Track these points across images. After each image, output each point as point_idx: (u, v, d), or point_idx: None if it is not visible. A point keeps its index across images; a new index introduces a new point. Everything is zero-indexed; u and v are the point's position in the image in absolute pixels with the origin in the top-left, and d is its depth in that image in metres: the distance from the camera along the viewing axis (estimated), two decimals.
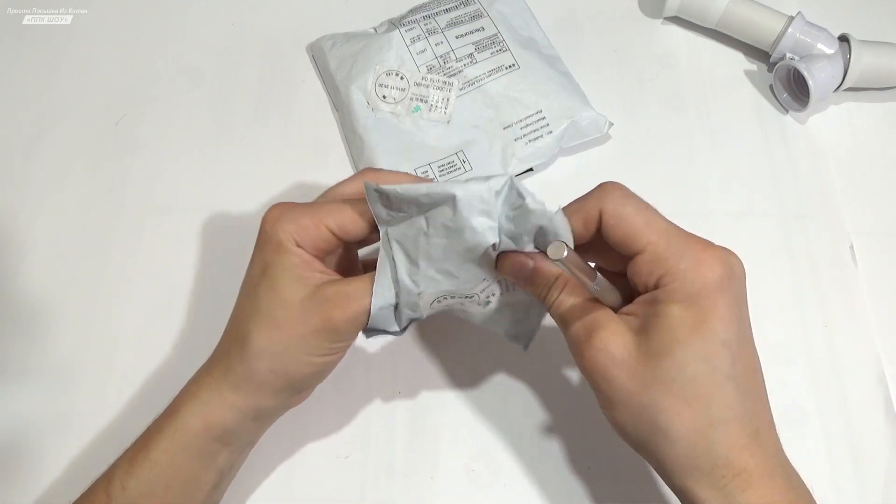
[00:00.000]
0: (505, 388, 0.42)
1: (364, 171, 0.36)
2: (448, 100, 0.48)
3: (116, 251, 0.46)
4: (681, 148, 0.50)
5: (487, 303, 0.35)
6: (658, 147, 0.50)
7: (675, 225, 0.30)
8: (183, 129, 0.50)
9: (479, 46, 0.49)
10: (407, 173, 0.34)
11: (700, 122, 0.51)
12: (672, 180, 0.49)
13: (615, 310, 0.31)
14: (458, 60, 0.49)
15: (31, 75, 0.52)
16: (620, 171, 0.49)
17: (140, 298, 0.44)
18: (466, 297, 0.33)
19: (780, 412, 0.42)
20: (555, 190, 0.48)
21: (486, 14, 0.51)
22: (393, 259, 0.32)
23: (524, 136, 0.47)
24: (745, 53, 0.54)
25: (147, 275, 0.45)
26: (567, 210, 0.31)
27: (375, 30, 0.52)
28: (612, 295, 0.31)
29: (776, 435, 0.29)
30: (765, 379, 0.29)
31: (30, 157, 0.49)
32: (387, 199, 0.31)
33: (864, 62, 0.48)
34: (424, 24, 0.50)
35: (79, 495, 0.33)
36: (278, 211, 0.33)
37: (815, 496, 0.40)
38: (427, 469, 0.40)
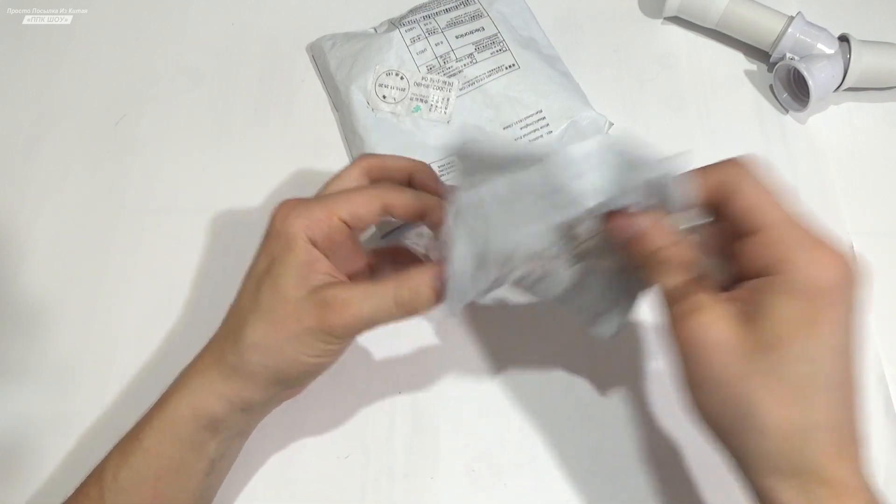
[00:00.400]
0: (505, 388, 0.42)
1: (362, 156, 0.36)
2: (448, 100, 0.48)
3: (116, 251, 0.46)
4: (681, 148, 0.50)
5: (576, 263, 0.33)
6: (658, 147, 0.50)
7: (801, 216, 0.28)
8: (183, 129, 0.50)
9: (479, 46, 0.49)
10: (407, 157, 0.35)
11: (700, 122, 0.51)
12: None
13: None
14: (458, 60, 0.49)
15: (31, 75, 0.52)
16: None
17: (140, 298, 0.44)
18: (554, 257, 0.32)
19: None
20: None
21: (486, 14, 0.51)
22: (471, 227, 0.31)
23: (524, 136, 0.47)
24: (745, 53, 0.54)
25: (147, 275, 0.45)
26: (688, 174, 0.29)
27: (375, 30, 0.52)
28: (720, 272, 0.29)
29: (864, 452, 0.28)
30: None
31: (30, 157, 0.49)
32: (471, 162, 0.31)
33: (864, 62, 0.48)
34: (424, 24, 0.50)
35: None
36: (289, 206, 0.33)
37: None
38: (427, 469, 0.40)
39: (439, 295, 0.32)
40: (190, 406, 0.32)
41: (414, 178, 0.36)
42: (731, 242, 0.29)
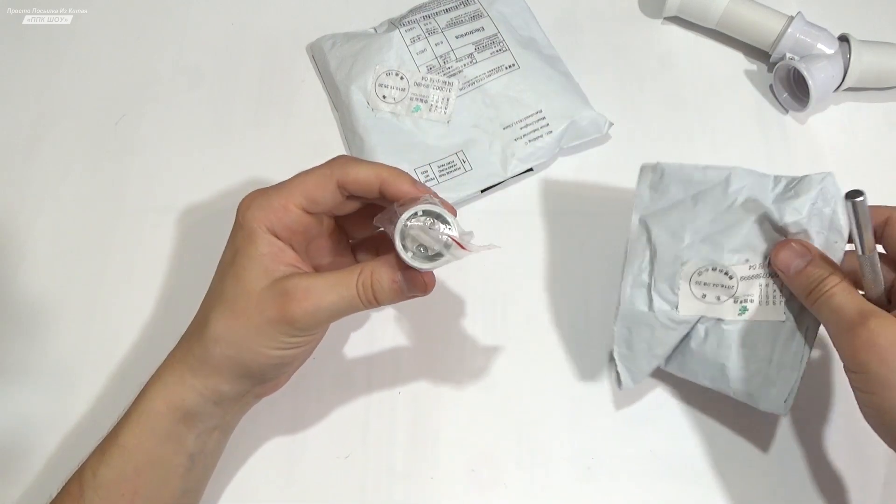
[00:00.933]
0: (505, 388, 0.42)
1: (338, 158, 0.35)
2: (448, 100, 0.48)
3: (116, 251, 0.46)
4: (681, 148, 0.50)
5: (744, 307, 0.36)
6: (658, 147, 0.50)
7: None
8: (183, 129, 0.50)
9: (479, 46, 0.49)
10: (376, 165, 0.34)
11: (700, 122, 0.51)
12: None
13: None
14: (458, 60, 0.49)
15: (31, 75, 0.52)
16: (620, 172, 0.49)
17: (140, 298, 0.44)
18: (727, 274, 0.35)
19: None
20: (555, 190, 0.48)
21: (486, 14, 0.51)
22: (650, 240, 0.36)
23: (524, 135, 0.47)
24: (745, 53, 0.54)
25: (147, 275, 0.45)
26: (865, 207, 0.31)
27: (375, 30, 0.52)
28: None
29: None
30: None
31: (30, 157, 0.49)
32: (658, 177, 0.36)
33: (864, 62, 0.48)
34: (424, 24, 0.50)
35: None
36: (250, 198, 0.33)
37: (815, 495, 0.40)
38: (427, 469, 0.40)
39: (400, 286, 0.32)
40: (164, 400, 0.32)
41: (384, 191, 0.33)
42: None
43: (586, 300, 0.44)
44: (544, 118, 0.48)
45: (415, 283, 0.32)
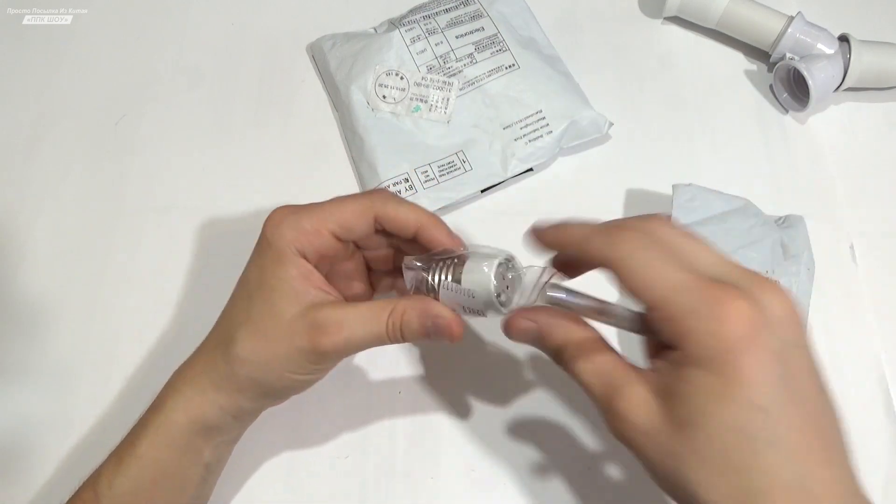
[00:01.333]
0: (505, 388, 0.42)
1: (380, 191, 0.35)
2: (448, 100, 0.48)
3: (116, 251, 0.46)
4: (681, 148, 0.50)
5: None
6: (658, 147, 0.50)
7: (699, 275, 0.25)
8: (183, 129, 0.50)
9: (479, 46, 0.49)
10: (417, 208, 0.33)
11: (700, 122, 0.51)
12: (672, 180, 0.49)
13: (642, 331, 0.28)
14: (458, 60, 0.49)
15: (31, 75, 0.52)
16: (620, 172, 0.49)
17: (140, 298, 0.44)
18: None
19: None
20: (555, 190, 0.48)
21: (486, 14, 0.51)
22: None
23: (524, 135, 0.47)
24: (745, 53, 0.54)
25: (147, 275, 0.45)
26: (570, 233, 0.29)
27: (375, 30, 0.52)
28: (631, 324, 0.28)
29: (847, 493, 0.24)
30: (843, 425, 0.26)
31: (30, 157, 0.49)
32: (690, 196, 0.43)
33: (864, 62, 0.48)
34: (424, 24, 0.50)
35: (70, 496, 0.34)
36: (280, 215, 0.33)
37: None
38: (427, 469, 0.40)
39: (428, 331, 0.31)
40: (184, 412, 0.32)
41: (419, 235, 0.33)
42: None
43: (589, 289, 0.44)
44: (544, 118, 0.48)
45: (442, 330, 0.31)
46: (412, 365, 0.43)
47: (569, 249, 0.29)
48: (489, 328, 0.43)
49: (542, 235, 0.30)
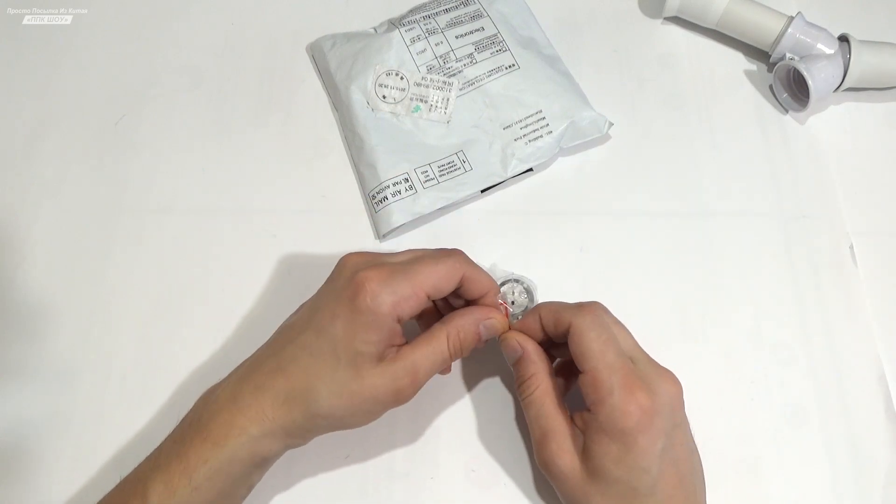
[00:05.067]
0: (505, 388, 0.42)
1: (461, 254, 0.37)
2: (448, 100, 0.48)
3: (116, 251, 0.46)
4: (681, 148, 0.50)
5: None
6: (658, 147, 0.50)
7: (626, 361, 0.34)
8: (183, 128, 0.50)
9: (479, 46, 0.49)
10: (491, 279, 0.38)
11: (700, 122, 0.51)
12: (672, 180, 0.49)
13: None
14: (458, 60, 0.49)
15: (31, 75, 0.52)
16: (620, 171, 0.49)
17: (140, 298, 0.44)
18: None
19: (779, 412, 0.42)
20: (555, 190, 0.48)
21: (486, 14, 0.51)
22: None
23: (524, 136, 0.47)
24: (745, 53, 0.54)
25: (147, 275, 0.45)
26: (546, 308, 0.37)
27: (375, 30, 0.52)
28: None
29: None
30: (702, 476, 0.36)
31: (30, 157, 0.49)
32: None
33: (864, 62, 0.48)
34: (424, 24, 0.50)
35: (82, 495, 0.34)
36: (379, 277, 0.33)
37: (815, 496, 0.40)
38: (427, 469, 0.40)
39: (482, 337, 0.36)
40: (249, 451, 0.33)
41: (481, 300, 0.37)
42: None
43: (586, 300, 0.44)
44: (544, 118, 0.48)
45: (494, 329, 0.37)
46: None
47: (543, 321, 0.37)
48: None
49: (525, 322, 0.38)
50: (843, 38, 0.49)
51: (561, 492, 0.36)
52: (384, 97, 0.48)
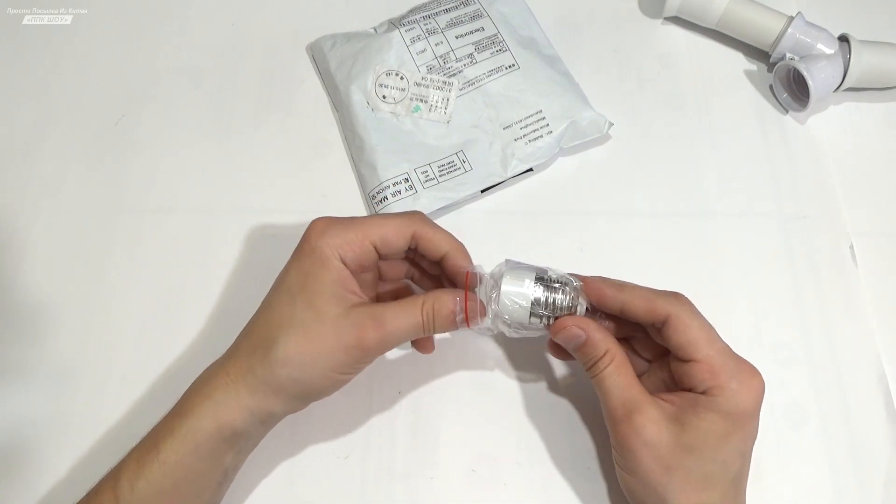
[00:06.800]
0: (505, 388, 0.42)
1: (418, 214, 0.37)
2: (448, 100, 0.48)
3: (116, 251, 0.46)
4: (681, 148, 0.50)
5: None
6: (658, 147, 0.50)
7: (729, 347, 0.34)
8: (183, 128, 0.50)
9: (479, 46, 0.49)
10: (449, 235, 0.36)
11: (700, 122, 0.51)
12: (672, 180, 0.49)
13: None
14: (458, 60, 0.49)
15: (31, 75, 0.52)
16: (620, 171, 0.49)
17: (140, 298, 0.44)
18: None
19: (780, 412, 0.42)
20: (555, 190, 0.48)
21: (486, 14, 0.51)
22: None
23: (524, 136, 0.47)
24: (745, 53, 0.54)
25: (147, 275, 0.45)
26: (636, 293, 0.35)
27: (375, 30, 0.52)
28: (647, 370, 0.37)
29: None
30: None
31: (30, 157, 0.49)
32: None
33: (864, 62, 0.48)
34: (424, 24, 0.50)
35: (83, 495, 0.33)
36: (325, 224, 0.34)
37: (816, 496, 0.40)
38: (427, 469, 0.40)
39: (456, 318, 0.35)
40: (214, 419, 0.32)
41: (445, 260, 0.36)
42: (665, 355, 0.36)
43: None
44: (544, 118, 0.48)
45: (474, 311, 0.35)
46: (412, 365, 0.43)
47: (631, 306, 0.35)
48: None
49: (604, 298, 0.35)
50: (843, 38, 0.49)
51: (634, 464, 0.33)
52: (384, 97, 0.48)
